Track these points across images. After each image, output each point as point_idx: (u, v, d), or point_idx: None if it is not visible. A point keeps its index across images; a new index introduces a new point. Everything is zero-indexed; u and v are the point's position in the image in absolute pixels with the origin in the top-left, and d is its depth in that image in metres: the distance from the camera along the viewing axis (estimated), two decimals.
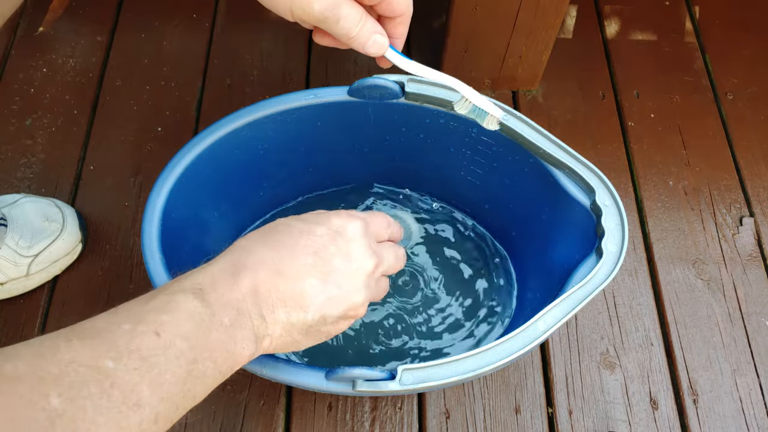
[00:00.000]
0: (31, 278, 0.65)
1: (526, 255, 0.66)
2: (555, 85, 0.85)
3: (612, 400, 0.64)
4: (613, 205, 0.49)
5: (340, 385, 0.42)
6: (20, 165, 0.75)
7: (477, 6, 0.72)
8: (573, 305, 0.45)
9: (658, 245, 0.74)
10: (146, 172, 0.76)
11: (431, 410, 0.62)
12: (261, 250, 0.37)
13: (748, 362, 0.67)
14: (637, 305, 0.70)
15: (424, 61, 0.44)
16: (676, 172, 0.79)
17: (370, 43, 0.41)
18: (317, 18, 0.37)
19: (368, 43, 0.40)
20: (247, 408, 0.62)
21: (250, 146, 0.57)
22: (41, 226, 0.65)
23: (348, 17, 0.38)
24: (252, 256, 0.36)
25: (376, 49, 0.41)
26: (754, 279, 0.72)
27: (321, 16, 0.37)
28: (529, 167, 0.54)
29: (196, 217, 0.58)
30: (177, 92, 0.82)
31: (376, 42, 0.41)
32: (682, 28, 0.92)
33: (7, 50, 0.85)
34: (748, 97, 0.86)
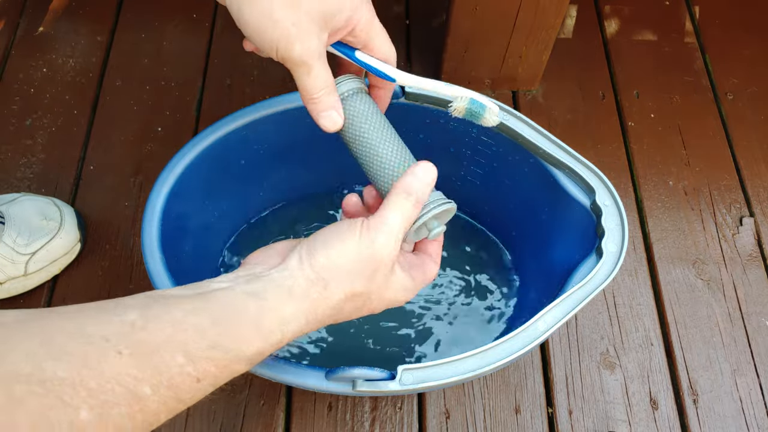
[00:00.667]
0: (30, 278, 0.65)
1: (526, 255, 0.66)
2: (555, 85, 0.85)
3: (612, 400, 0.64)
4: (613, 205, 0.49)
5: (340, 385, 0.42)
6: (20, 165, 0.75)
7: (477, 6, 0.72)
8: (573, 305, 0.45)
9: (658, 245, 0.74)
10: (146, 172, 0.76)
11: (431, 410, 0.62)
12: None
13: (748, 362, 0.67)
14: (637, 305, 0.70)
15: (424, 60, 0.44)
16: (676, 172, 0.79)
17: (326, 114, 0.39)
18: (294, 60, 0.37)
19: (324, 113, 0.39)
20: (247, 408, 0.62)
21: (250, 146, 0.57)
22: (39, 224, 0.65)
23: (319, 76, 0.38)
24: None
25: (327, 123, 0.40)
26: (754, 279, 0.72)
27: (299, 59, 0.36)
28: (529, 167, 0.54)
29: (196, 216, 0.58)
30: (177, 92, 0.82)
31: (331, 117, 0.40)
32: (682, 28, 0.92)
33: (7, 50, 0.85)
34: (748, 97, 0.86)
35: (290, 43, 0.36)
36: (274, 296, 0.34)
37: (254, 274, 0.35)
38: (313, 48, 0.37)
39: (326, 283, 0.35)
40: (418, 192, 0.37)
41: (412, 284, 0.39)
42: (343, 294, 0.35)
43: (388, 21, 0.88)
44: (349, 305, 0.36)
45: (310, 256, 0.35)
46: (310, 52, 0.37)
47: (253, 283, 0.34)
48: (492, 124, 0.42)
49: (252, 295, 0.33)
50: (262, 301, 0.33)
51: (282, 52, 0.36)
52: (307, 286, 0.34)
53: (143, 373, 0.28)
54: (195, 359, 0.30)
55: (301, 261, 0.35)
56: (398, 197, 0.37)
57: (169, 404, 0.29)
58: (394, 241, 0.36)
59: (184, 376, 0.30)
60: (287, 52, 0.36)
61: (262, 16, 0.35)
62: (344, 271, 0.35)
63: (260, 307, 0.33)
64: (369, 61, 0.40)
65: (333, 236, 0.36)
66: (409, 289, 0.39)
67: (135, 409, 0.28)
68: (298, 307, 0.34)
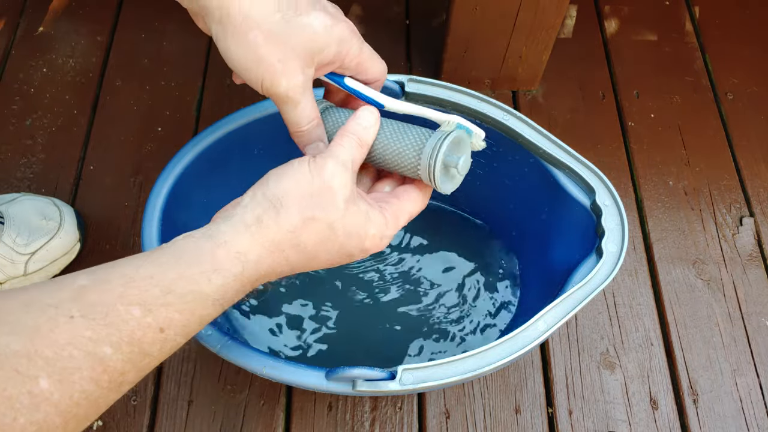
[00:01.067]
0: (29, 278, 0.65)
1: (526, 255, 0.66)
2: (555, 85, 0.85)
3: (612, 400, 0.64)
4: (613, 205, 0.49)
5: (340, 385, 0.42)
6: (20, 165, 0.75)
7: (477, 6, 0.72)
8: (573, 305, 0.45)
9: (658, 245, 0.74)
10: (146, 172, 0.76)
11: (431, 410, 0.62)
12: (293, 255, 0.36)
13: (748, 362, 0.67)
14: (637, 305, 0.70)
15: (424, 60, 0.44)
16: (676, 172, 0.79)
17: (312, 146, 0.41)
18: (280, 96, 0.37)
19: (310, 145, 0.41)
20: (247, 408, 0.62)
21: (250, 146, 0.57)
22: (38, 224, 0.65)
23: (305, 111, 0.39)
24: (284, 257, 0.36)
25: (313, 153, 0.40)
26: (754, 279, 0.72)
27: (284, 95, 0.37)
28: (529, 167, 0.54)
29: (196, 217, 0.57)
30: (177, 92, 0.82)
31: (317, 148, 0.41)
32: (682, 28, 0.92)
33: (7, 50, 0.85)
34: (748, 97, 0.86)
35: (276, 79, 0.37)
36: (227, 231, 0.34)
37: (213, 221, 0.36)
38: (299, 83, 0.37)
39: (278, 209, 0.35)
40: (357, 133, 0.38)
41: (381, 218, 0.38)
42: (297, 218, 0.35)
43: (388, 21, 0.88)
44: (311, 235, 0.35)
45: (261, 187, 0.36)
46: (296, 87, 0.37)
47: (210, 227, 0.34)
48: (478, 149, 0.42)
49: (205, 236, 0.33)
50: (215, 238, 0.33)
51: (268, 87, 0.37)
52: (259, 212, 0.34)
53: (99, 333, 0.28)
54: (152, 308, 0.30)
55: (254, 194, 0.36)
56: (341, 135, 0.38)
57: (135, 360, 0.29)
58: (342, 169, 0.36)
59: (145, 329, 0.29)
60: (273, 88, 0.37)
61: (247, 52, 0.36)
62: (297, 196, 0.35)
63: (213, 244, 0.33)
64: (358, 88, 0.41)
65: (284, 170, 0.36)
66: (378, 221, 0.37)
67: (98, 371, 0.27)
68: (254, 236, 0.34)
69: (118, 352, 0.28)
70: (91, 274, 0.30)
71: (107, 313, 0.28)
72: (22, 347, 0.26)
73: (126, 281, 0.30)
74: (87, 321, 0.27)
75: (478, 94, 0.53)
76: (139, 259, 0.31)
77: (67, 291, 0.28)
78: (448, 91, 0.53)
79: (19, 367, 0.25)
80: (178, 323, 0.31)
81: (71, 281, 0.29)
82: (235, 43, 0.36)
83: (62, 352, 0.26)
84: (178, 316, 0.31)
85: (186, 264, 0.32)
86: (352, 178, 0.37)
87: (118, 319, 0.28)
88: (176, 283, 0.31)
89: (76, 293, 0.28)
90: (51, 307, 0.27)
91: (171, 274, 0.31)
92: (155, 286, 0.30)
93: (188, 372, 0.63)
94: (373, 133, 0.39)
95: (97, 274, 0.30)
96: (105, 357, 0.28)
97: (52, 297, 0.28)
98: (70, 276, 0.30)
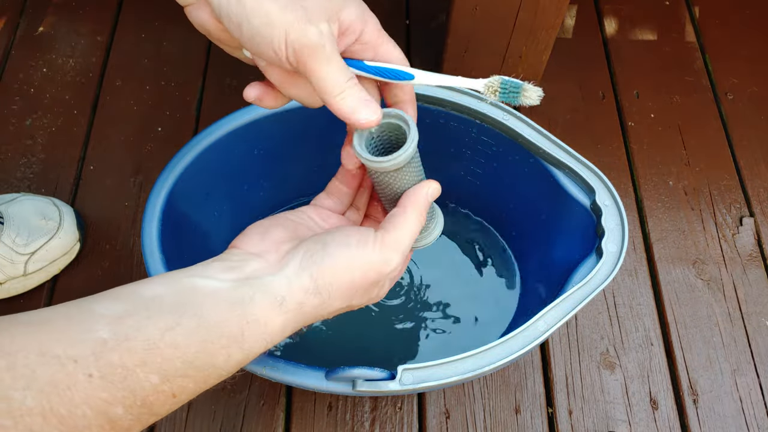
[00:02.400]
0: (29, 278, 0.65)
1: (526, 255, 0.66)
2: (555, 85, 0.85)
3: (612, 400, 0.64)
4: (613, 205, 0.49)
5: (340, 385, 0.42)
6: (20, 165, 0.75)
7: (477, 6, 0.72)
8: (573, 305, 0.45)
9: (658, 245, 0.74)
10: (146, 172, 0.76)
11: (431, 410, 0.62)
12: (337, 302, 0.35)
13: (748, 362, 0.67)
14: (637, 305, 0.70)
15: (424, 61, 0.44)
16: (676, 172, 0.79)
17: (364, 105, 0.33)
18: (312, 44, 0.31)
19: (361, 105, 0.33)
20: (247, 408, 0.62)
21: (250, 146, 0.57)
22: (38, 224, 0.65)
23: (341, 64, 0.33)
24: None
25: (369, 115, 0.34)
26: (754, 279, 0.72)
27: (317, 41, 0.31)
28: (529, 167, 0.54)
29: (196, 216, 0.58)
30: (177, 92, 0.82)
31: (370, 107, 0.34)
32: (682, 28, 0.92)
33: (7, 50, 0.85)
34: (748, 97, 0.86)
35: (302, 27, 0.31)
36: (262, 306, 0.32)
37: (247, 276, 0.33)
38: (326, 31, 0.32)
39: (324, 298, 0.33)
40: (424, 210, 0.37)
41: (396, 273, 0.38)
42: (337, 306, 0.34)
43: (388, 21, 0.88)
44: (337, 312, 0.36)
45: (312, 264, 0.33)
46: (327, 34, 0.32)
47: (243, 288, 0.32)
48: (534, 102, 0.36)
49: (239, 305, 0.31)
50: (248, 310, 0.31)
51: (294, 39, 0.31)
52: (302, 298, 0.33)
53: (115, 396, 0.27)
54: (170, 378, 0.29)
55: (301, 269, 0.33)
56: (413, 215, 0.36)
57: (143, 419, 0.29)
58: (403, 261, 0.35)
59: (159, 394, 0.29)
60: (301, 38, 0.31)
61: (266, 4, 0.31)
62: (346, 287, 0.34)
63: (244, 319, 0.31)
64: (383, 65, 0.36)
65: (341, 247, 0.34)
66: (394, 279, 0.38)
67: (106, 428, 0.27)
68: (287, 319, 0.32)
69: (128, 413, 0.28)
70: (114, 326, 0.28)
71: (126, 377, 0.27)
72: (37, 405, 0.25)
73: (149, 347, 0.28)
74: (105, 383, 0.27)
75: (478, 94, 0.53)
76: (165, 317, 0.29)
77: (87, 344, 0.27)
78: (449, 91, 0.53)
79: (34, 427, 0.25)
80: (191, 390, 0.30)
81: (91, 330, 0.28)
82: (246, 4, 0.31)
83: (76, 411, 0.26)
84: (192, 385, 0.30)
85: (212, 337, 0.30)
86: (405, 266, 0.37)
87: (136, 385, 0.28)
88: (198, 357, 0.30)
89: (96, 349, 0.27)
90: (70, 361, 0.26)
91: (195, 348, 0.30)
92: (178, 358, 0.29)
93: None
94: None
95: (119, 329, 0.28)
96: (116, 417, 0.27)
97: (70, 348, 0.27)
98: (89, 319, 0.28)
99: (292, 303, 0.32)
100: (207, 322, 0.30)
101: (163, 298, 0.30)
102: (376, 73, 0.36)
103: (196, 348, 0.30)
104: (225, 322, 0.31)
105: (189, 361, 0.29)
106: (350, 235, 0.35)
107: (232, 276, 0.33)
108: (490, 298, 0.66)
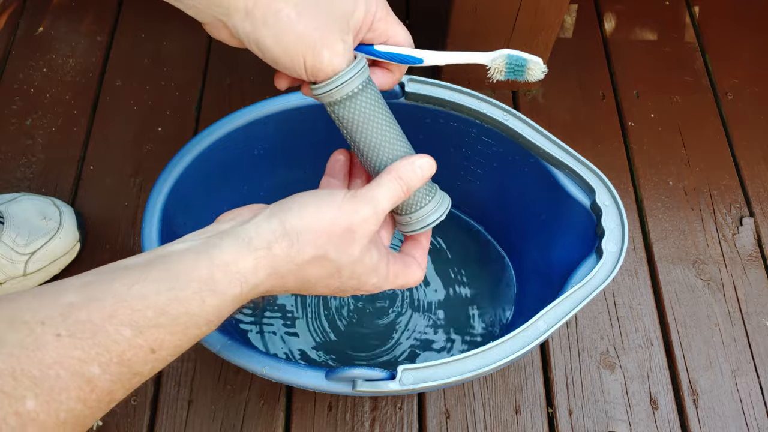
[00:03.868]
0: (29, 278, 0.65)
1: (526, 255, 0.66)
2: (555, 85, 0.85)
3: (612, 400, 0.64)
4: (613, 205, 0.49)
5: (340, 385, 0.42)
6: (20, 165, 0.75)
7: (477, 6, 0.72)
8: (573, 305, 0.45)
9: (658, 245, 0.74)
10: (146, 172, 0.76)
11: (431, 410, 0.62)
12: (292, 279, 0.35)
13: (748, 362, 0.67)
14: (637, 305, 0.70)
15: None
16: (676, 172, 0.79)
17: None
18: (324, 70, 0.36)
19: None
20: (247, 408, 0.62)
21: (250, 146, 0.57)
22: (38, 224, 0.65)
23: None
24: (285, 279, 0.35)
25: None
26: (754, 279, 0.72)
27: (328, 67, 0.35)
28: (529, 167, 0.54)
29: (196, 217, 0.58)
30: (177, 92, 0.82)
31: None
32: (682, 28, 0.92)
33: (7, 50, 0.85)
34: (748, 97, 0.86)
35: (317, 50, 0.35)
36: (230, 248, 0.32)
37: (219, 230, 0.34)
38: (339, 51, 0.35)
39: (293, 241, 0.33)
40: (410, 180, 0.37)
41: (386, 271, 0.38)
42: (310, 255, 0.34)
43: None
44: (316, 270, 0.35)
45: (281, 212, 0.34)
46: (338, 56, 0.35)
47: (213, 239, 0.32)
48: (538, 77, 0.39)
49: (205, 252, 0.32)
50: (215, 255, 0.31)
51: (311, 64, 0.35)
52: (271, 238, 0.33)
53: (88, 354, 0.27)
54: (143, 329, 0.28)
55: (271, 216, 0.34)
56: (390, 179, 0.36)
57: (125, 380, 0.28)
58: (375, 218, 0.35)
59: (136, 349, 0.28)
60: (316, 63, 0.35)
61: (284, 33, 0.34)
62: (316, 233, 0.34)
63: (212, 262, 0.31)
64: (392, 50, 0.39)
65: (310, 199, 0.35)
66: (381, 275, 0.37)
67: (85, 390, 0.27)
68: (258, 260, 0.32)
69: (106, 372, 0.27)
70: (81, 289, 0.28)
71: (96, 332, 0.27)
72: (7, 366, 0.25)
73: (117, 300, 0.28)
74: (75, 340, 0.27)
75: (478, 94, 0.53)
76: (133, 273, 0.30)
77: (55, 307, 0.27)
78: (449, 91, 0.53)
79: (5, 387, 0.25)
80: (169, 344, 0.30)
81: (59, 296, 0.28)
82: (268, 28, 0.34)
83: (49, 372, 0.26)
84: (169, 337, 0.30)
85: (181, 284, 0.30)
86: (378, 225, 0.36)
87: (107, 340, 0.27)
88: (170, 304, 0.29)
89: (64, 310, 0.27)
90: (37, 324, 0.26)
91: (164, 296, 0.29)
92: (148, 307, 0.29)
93: (188, 372, 0.63)
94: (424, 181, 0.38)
95: (86, 291, 0.28)
96: (93, 377, 0.27)
97: (38, 313, 0.27)
98: (58, 288, 0.29)
99: (260, 242, 0.33)
100: (174, 271, 0.30)
101: (133, 265, 0.31)
102: (387, 58, 0.39)
103: (167, 296, 0.29)
104: (193, 269, 0.31)
105: (160, 309, 0.29)
106: (319, 191, 0.36)
107: (203, 235, 0.33)
108: (490, 297, 0.66)
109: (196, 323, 0.31)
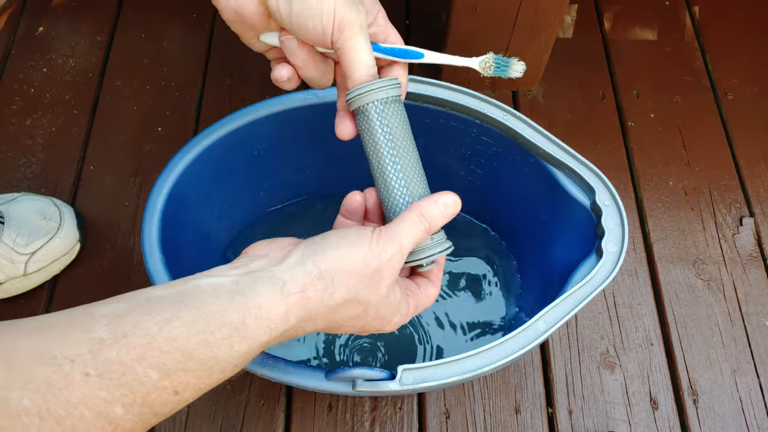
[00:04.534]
0: (29, 278, 0.65)
1: (526, 255, 0.66)
2: (555, 85, 0.85)
3: (612, 400, 0.64)
4: (613, 205, 0.49)
5: (340, 385, 0.42)
6: (20, 165, 0.75)
7: (477, 6, 0.72)
8: (573, 305, 0.45)
9: (658, 245, 0.74)
10: (146, 172, 0.76)
11: (431, 410, 0.62)
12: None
13: (748, 362, 0.67)
14: (637, 305, 0.70)
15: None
16: (676, 172, 0.79)
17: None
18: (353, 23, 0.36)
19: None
20: (247, 408, 0.62)
21: (250, 146, 0.57)
22: (38, 224, 0.65)
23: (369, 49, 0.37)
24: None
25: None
26: (754, 279, 0.72)
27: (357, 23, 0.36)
28: (529, 167, 0.54)
29: (196, 216, 0.58)
30: (177, 92, 0.82)
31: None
32: (682, 28, 0.92)
33: (7, 50, 0.85)
34: (748, 97, 0.86)
35: (349, 3, 0.35)
36: (264, 293, 0.32)
37: (250, 270, 0.33)
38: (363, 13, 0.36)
39: (327, 284, 0.33)
40: (433, 221, 0.37)
41: (407, 309, 0.38)
42: (342, 297, 0.34)
43: None
44: (347, 311, 0.35)
45: (314, 253, 0.34)
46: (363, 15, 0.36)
47: (245, 280, 0.32)
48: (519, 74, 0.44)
49: (240, 295, 0.31)
50: (248, 299, 0.31)
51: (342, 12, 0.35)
52: (305, 281, 0.33)
53: (113, 394, 0.27)
54: (170, 373, 0.28)
55: (304, 257, 0.34)
56: (414, 218, 0.36)
57: (146, 419, 0.28)
58: (400, 256, 0.35)
59: (160, 391, 0.28)
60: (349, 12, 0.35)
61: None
62: (349, 274, 0.34)
63: (244, 306, 0.31)
64: (394, 44, 0.41)
65: (341, 239, 0.35)
66: (403, 313, 0.38)
67: (107, 430, 0.27)
68: (290, 306, 0.32)
69: (129, 413, 0.27)
70: (112, 323, 0.28)
71: (124, 372, 0.27)
72: (34, 405, 0.25)
73: (147, 341, 0.28)
74: (102, 381, 0.26)
75: (478, 94, 0.53)
76: (164, 309, 0.29)
77: (84, 343, 0.27)
78: (449, 91, 0.53)
79: (31, 427, 0.25)
80: (194, 386, 0.30)
81: (90, 330, 0.28)
82: None
83: (74, 411, 0.26)
84: (194, 380, 0.30)
85: (212, 328, 0.30)
86: (402, 264, 0.36)
87: (134, 381, 0.27)
88: (198, 348, 0.29)
89: (93, 347, 0.27)
90: (67, 361, 0.26)
91: (194, 339, 0.29)
92: (176, 350, 0.29)
93: None
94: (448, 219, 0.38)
95: (117, 326, 0.28)
96: (116, 418, 0.27)
97: (67, 348, 0.27)
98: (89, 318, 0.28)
99: (294, 286, 0.32)
100: (206, 312, 0.30)
101: (166, 297, 0.30)
102: (390, 53, 0.40)
103: (196, 340, 0.29)
104: (225, 311, 0.30)
105: (188, 353, 0.29)
106: (348, 230, 0.36)
107: (235, 272, 0.33)
108: (490, 297, 0.66)
109: (223, 368, 0.31)
